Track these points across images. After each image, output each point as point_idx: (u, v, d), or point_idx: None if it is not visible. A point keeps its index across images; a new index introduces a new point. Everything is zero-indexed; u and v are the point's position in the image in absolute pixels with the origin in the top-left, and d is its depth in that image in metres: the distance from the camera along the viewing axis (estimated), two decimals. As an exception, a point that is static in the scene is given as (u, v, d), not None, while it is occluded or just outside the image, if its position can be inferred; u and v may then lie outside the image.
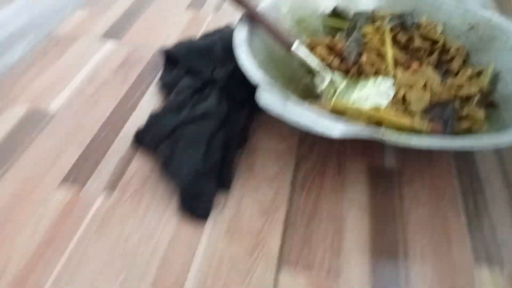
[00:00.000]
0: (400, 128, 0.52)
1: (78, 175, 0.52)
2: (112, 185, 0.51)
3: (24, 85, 0.64)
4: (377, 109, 0.53)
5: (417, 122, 0.52)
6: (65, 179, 0.52)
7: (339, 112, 0.54)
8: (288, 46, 0.58)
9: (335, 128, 0.43)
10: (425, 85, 0.60)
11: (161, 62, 0.69)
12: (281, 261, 0.45)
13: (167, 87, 0.62)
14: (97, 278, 0.42)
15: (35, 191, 0.50)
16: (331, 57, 0.66)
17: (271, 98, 0.46)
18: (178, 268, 0.44)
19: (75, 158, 0.54)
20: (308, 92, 0.62)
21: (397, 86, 0.58)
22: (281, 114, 0.44)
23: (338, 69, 0.65)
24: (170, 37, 0.77)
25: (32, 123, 0.59)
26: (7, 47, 0.72)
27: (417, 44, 0.69)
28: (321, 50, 0.66)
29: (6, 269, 0.43)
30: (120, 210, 0.49)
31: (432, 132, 0.53)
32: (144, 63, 0.70)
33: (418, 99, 0.56)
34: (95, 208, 0.49)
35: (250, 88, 0.58)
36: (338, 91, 0.59)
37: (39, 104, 0.62)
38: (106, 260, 0.44)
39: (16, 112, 0.60)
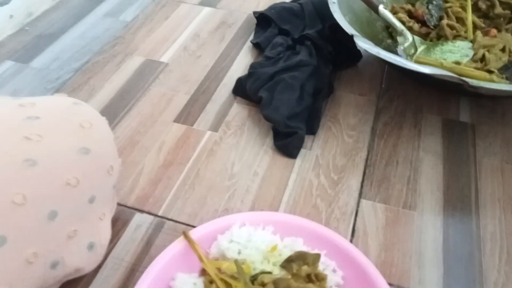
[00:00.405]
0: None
1: (188, 115, 0.62)
2: (216, 125, 0.61)
3: (139, 40, 0.76)
4: (458, 63, 0.57)
5: (495, 77, 0.56)
6: (177, 119, 0.62)
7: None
8: (375, 8, 0.64)
9: (425, 68, 0.48)
10: (503, 48, 0.63)
11: (253, 24, 0.77)
12: (362, 193, 0.52)
13: (260, 45, 0.70)
14: (209, 193, 0.52)
15: (155, 126, 0.61)
16: (412, 21, 0.70)
17: (366, 43, 0.53)
18: (273, 190, 0.52)
19: (184, 103, 0.64)
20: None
21: (477, 47, 0.62)
22: (378, 55, 0.51)
23: (418, 32, 0.69)
24: (260, 3, 0.85)
25: (148, 71, 0.69)
26: (122, 9, 0.84)
27: (497, 11, 0.71)
28: (402, 15, 0.71)
29: (137, 182, 0.53)
30: (224, 144, 0.58)
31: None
32: (238, 25, 0.79)
33: (496, 59, 0.59)
34: (204, 141, 0.58)
35: (336, 46, 0.65)
36: (419, 51, 0.64)
37: (152, 56, 0.72)
38: (216, 180, 0.54)
39: (135, 63, 0.71)
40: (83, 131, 0.37)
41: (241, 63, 0.71)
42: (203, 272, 0.41)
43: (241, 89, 0.63)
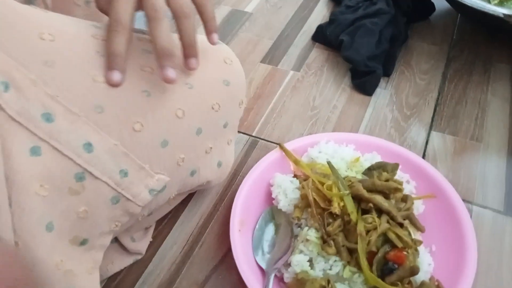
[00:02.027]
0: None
1: (272, 57, 0.70)
2: (298, 66, 0.68)
3: (225, -7, 0.84)
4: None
5: None
6: (263, 60, 0.70)
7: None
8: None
9: (503, 9, 0.53)
10: None
11: (330, -21, 0.83)
12: (433, 126, 0.58)
13: (337, -2, 0.76)
14: (294, 120, 0.60)
15: (244, 65, 0.68)
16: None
17: None
18: (351, 121, 0.60)
19: (269, 47, 0.72)
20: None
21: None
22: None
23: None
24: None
25: (235, 20, 0.77)
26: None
27: None
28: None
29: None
30: (305, 82, 0.65)
31: None
32: (315, -20, 0.85)
33: None
34: (288, 79, 0.66)
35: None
36: (492, 2, 0.67)
37: (238, 6, 0.80)
38: (300, 110, 0.61)
39: (222, 12, 0.79)
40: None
41: (319, 13, 0.77)
42: (296, 176, 0.50)
43: (321, 35, 0.70)
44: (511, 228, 0.47)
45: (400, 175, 0.48)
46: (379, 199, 0.42)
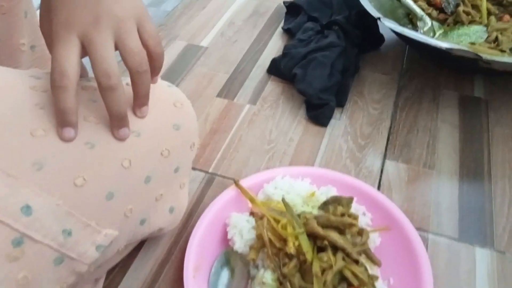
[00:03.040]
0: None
1: (228, 91, 0.70)
2: (254, 99, 0.68)
3: (180, 27, 0.84)
4: (473, 43, 0.63)
5: (507, 55, 0.62)
6: (219, 95, 0.69)
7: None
8: (398, -5, 0.71)
9: (444, 43, 0.55)
10: (515, 31, 0.69)
11: (283, 13, 0.85)
12: (386, 155, 0.59)
13: (291, 30, 0.77)
14: (251, 154, 0.60)
15: (199, 100, 0.69)
16: (430, 9, 0.77)
17: (391, 23, 0.60)
18: (307, 153, 0.60)
19: (225, 81, 0.72)
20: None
21: (490, 30, 0.68)
22: (401, 32, 0.58)
23: (437, 19, 0.76)
24: (289, -6, 0.92)
25: (190, 54, 0.77)
26: (163, 0, 0.92)
27: (511, -1, 0.77)
28: (421, 3, 0.77)
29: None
30: (262, 115, 0.65)
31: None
32: (269, 13, 0.87)
33: (509, 41, 0.66)
34: (244, 113, 0.66)
35: (362, 31, 0.72)
36: (437, 34, 0.70)
37: (193, 41, 0.80)
38: (256, 144, 0.61)
39: (178, 46, 0.79)
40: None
41: (274, 47, 0.78)
42: (252, 213, 0.49)
43: (276, 68, 0.71)
44: (466, 255, 0.48)
45: (355, 207, 0.48)
46: (334, 235, 0.42)
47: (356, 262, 0.41)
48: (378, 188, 0.55)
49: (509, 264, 0.47)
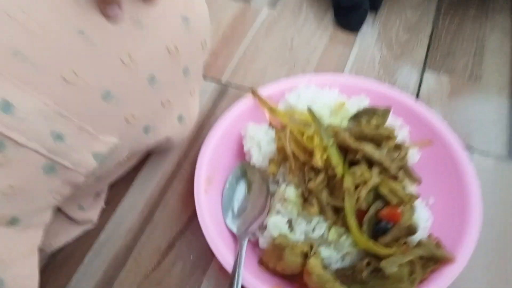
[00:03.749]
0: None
1: (243, -7, 0.61)
2: (273, 2, 0.59)
3: None
4: None
5: None
6: (233, -3, 0.61)
7: None
8: None
9: None
10: None
11: None
12: (426, 65, 0.51)
13: None
14: (269, 64, 0.52)
15: (210, 2, 0.60)
16: None
17: None
18: (335, 63, 0.52)
19: (239, -18, 0.63)
20: None
21: None
22: None
23: None
24: None
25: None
26: None
27: None
28: None
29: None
30: (282, 21, 0.57)
31: None
32: None
33: None
34: (262, 18, 0.57)
35: None
36: None
37: None
38: (275, 53, 0.53)
39: None
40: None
41: None
42: (271, 125, 0.43)
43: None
44: (515, 176, 0.42)
45: (391, 120, 0.42)
46: (369, 148, 0.36)
47: (395, 178, 0.35)
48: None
49: None
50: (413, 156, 0.40)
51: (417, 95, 0.48)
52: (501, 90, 0.49)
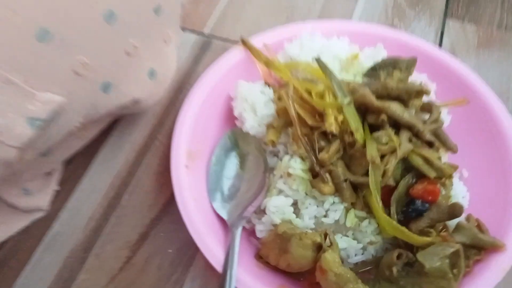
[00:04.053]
0: None
1: None
2: None
3: None
4: None
5: None
6: None
7: None
8: None
9: None
10: None
11: None
12: (448, 13, 0.43)
13: None
14: (262, 12, 0.44)
15: None
16: None
17: None
18: (341, 10, 0.44)
19: None
20: None
21: None
22: None
23: None
24: None
25: None
26: None
27: None
28: None
29: None
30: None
31: None
32: None
33: None
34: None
35: None
36: None
37: None
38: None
39: None
40: None
41: None
42: (267, 83, 0.35)
43: None
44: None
45: (414, 76, 0.34)
46: (396, 108, 0.28)
47: (430, 145, 0.28)
48: (437, 55, 0.41)
49: None
50: (443, 119, 0.33)
51: (439, 47, 0.41)
52: (536, 41, 0.41)
